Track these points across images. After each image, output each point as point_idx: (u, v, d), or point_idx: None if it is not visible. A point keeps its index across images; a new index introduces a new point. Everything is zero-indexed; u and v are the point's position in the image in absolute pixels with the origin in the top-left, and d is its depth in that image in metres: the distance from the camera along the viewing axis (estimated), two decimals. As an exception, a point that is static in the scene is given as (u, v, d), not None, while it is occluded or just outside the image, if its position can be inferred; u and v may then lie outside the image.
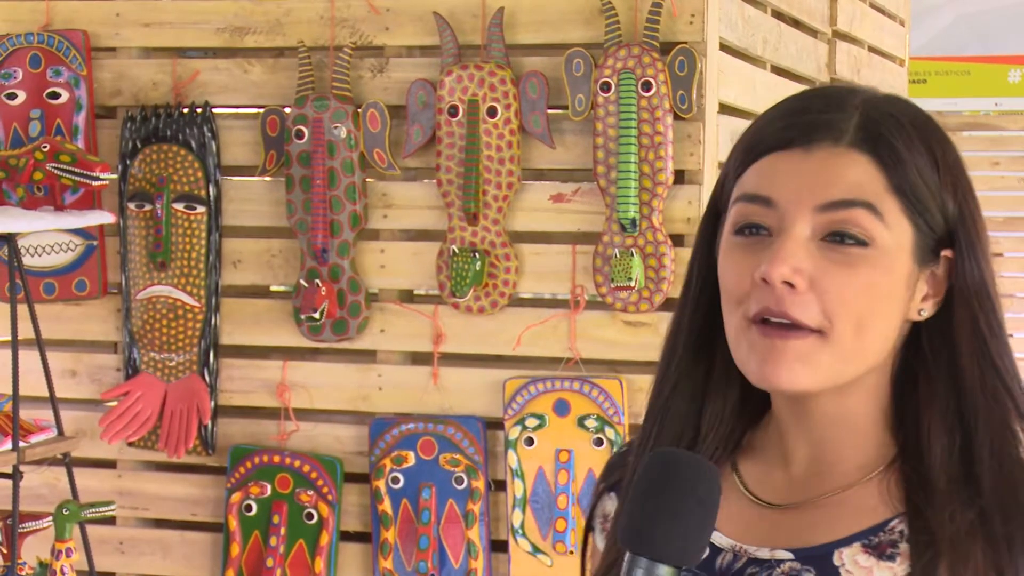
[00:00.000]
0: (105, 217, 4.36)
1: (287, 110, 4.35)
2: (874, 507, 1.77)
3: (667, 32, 4.07)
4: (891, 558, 1.74)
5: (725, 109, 4.23)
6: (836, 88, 1.90)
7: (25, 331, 4.09)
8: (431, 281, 4.31)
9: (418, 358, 4.35)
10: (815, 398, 1.81)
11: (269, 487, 4.39)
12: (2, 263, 4.48)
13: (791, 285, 1.71)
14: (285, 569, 4.37)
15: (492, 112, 4.18)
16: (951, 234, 1.78)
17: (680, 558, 1.71)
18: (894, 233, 1.74)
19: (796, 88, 5.00)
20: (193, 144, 4.41)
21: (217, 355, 4.48)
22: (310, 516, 4.36)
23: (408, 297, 4.39)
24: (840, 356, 1.74)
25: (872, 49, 5.94)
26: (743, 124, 4.40)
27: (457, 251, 4.21)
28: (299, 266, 4.37)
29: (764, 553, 1.81)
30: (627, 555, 1.70)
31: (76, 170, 4.19)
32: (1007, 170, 11.92)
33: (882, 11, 6.11)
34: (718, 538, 1.84)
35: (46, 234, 4.46)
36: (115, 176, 4.40)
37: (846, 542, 1.77)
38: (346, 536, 4.40)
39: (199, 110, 4.43)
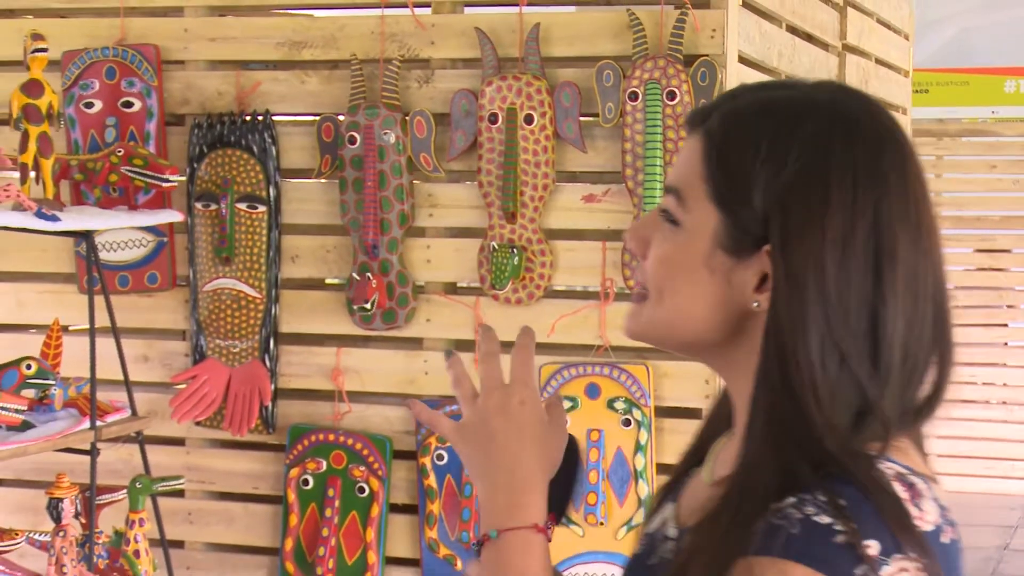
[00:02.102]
0: (174, 216, 4.36)
1: (341, 118, 4.34)
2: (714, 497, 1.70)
3: (690, 45, 4.05)
4: None
5: (743, 116, 4.21)
6: (762, 81, 1.84)
7: (101, 320, 4.10)
8: (473, 274, 4.30)
9: (461, 345, 4.33)
10: (713, 367, 1.79)
11: (324, 463, 4.39)
12: (81, 258, 4.49)
13: (635, 253, 1.75)
14: (339, 538, 4.37)
15: (529, 119, 4.17)
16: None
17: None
18: (694, 216, 1.68)
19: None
20: (255, 149, 4.41)
21: (277, 342, 4.48)
22: (362, 490, 4.36)
23: (452, 289, 4.38)
24: (650, 317, 1.73)
25: (879, 61, 5.91)
26: (760, 130, 4.39)
27: (497, 247, 4.20)
28: (352, 261, 4.36)
29: (671, 530, 1.80)
30: None
31: (148, 173, 4.19)
32: (1003, 173, 11.89)
33: (888, 26, 6.08)
34: (668, 511, 1.84)
35: (121, 231, 4.47)
36: (183, 178, 4.41)
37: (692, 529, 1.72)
38: (395, 508, 4.40)
39: (260, 118, 4.42)
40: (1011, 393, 11.85)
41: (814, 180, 1.62)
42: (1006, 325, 12.01)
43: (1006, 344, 11.98)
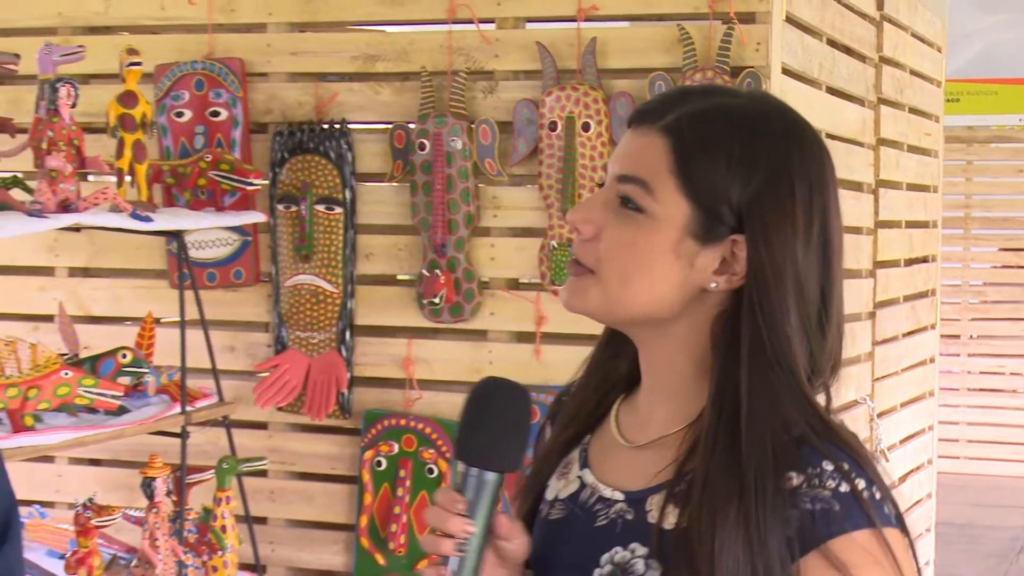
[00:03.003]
0: (258, 216, 4.37)
1: (411, 126, 4.34)
2: (680, 457, 1.77)
3: (736, 58, 4.03)
4: (681, 505, 1.75)
5: (786, 124, 4.18)
6: (698, 85, 1.90)
7: (191, 313, 4.11)
8: (534, 271, 4.29)
9: (523, 337, 4.33)
10: (639, 339, 1.86)
11: (396, 446, 4.39)
12: (172, 256, 4.51)
13: (581, 232, 1.80)
14: (410, 515, 4.37)
15: (586, 127, 4.15)
16: (742, 222, 1.75)
17: (500, 464, 1.77)
18: (664, 207, 1.75)
19: (848, 106, 4.94)
20: (332, 155, 4.41)
21: (352, 334, 4.48)
22: (431, 471, 4.36)
23: (514, 285, 4.37)
24: (607, 294, 1.79)
25: (913, 72, 5.86)
26: (802, 137, 4.36)
27: (556, 246, 4.20)
28: (422, 258, 4.36)
29: (607, 493, 1.84)
30: (461, 466, 1.76)
31: (234, 177, 4.20)
32: None
33: (921, 39, 6.02)
34: (587, 476, 1.88)
35: (208, 231, 4.48)
36: (266, 182, 4.42)
37: (656, 490, 1.78)
38: (461, 488, 4.39)
39: (337, 126, 4.43)
40: (1037, 383, 11.81)
41: (782, 184, 1.75)
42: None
43: (1032, 337, 11.93)
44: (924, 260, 6.19)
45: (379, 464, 4.41)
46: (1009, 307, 11.88)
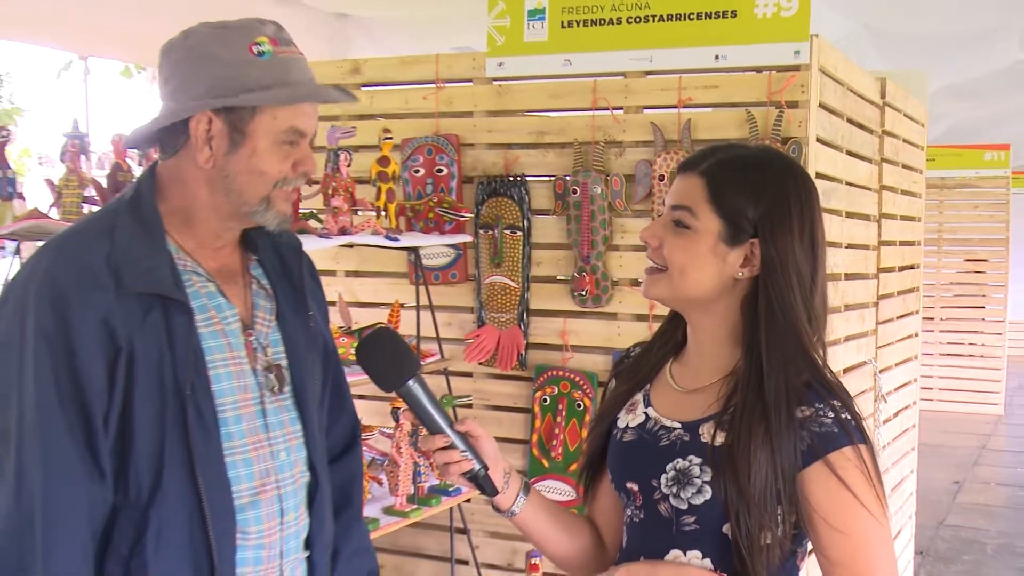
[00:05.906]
0: (467, 238, 4.38)
1: (567, 178, 4.31)
2: (722, 397, 1.78)
3: (785, 131, 3.93)
4: (726, 429, 1.76)
5: (819, 176, 4.08)
6: (724, 143, 1.91)
7: (423, 301, 4.13)
8: (648, 274, 4.23)
9: (640, 318, 4.28)
10: (691, 317, 1.86)
11: (556, 389, 4.37)
12: (411, 263, 4.54)
13: (650, 244, 1.85)
14: (565, 435, 4.35)
15: (683, 178, 4.09)
16: (756, 230, 1.76)
17: (407, 374, 1.77)
18: (703, 223, 1.77)
19: (860, 164, 4.80)
20: (515, 197, 4.40)
21: (528, 315, 4.46)
22: (579, 405, 4.32)
23: (636, 283, 4.32)
24: (672, 284, 1.81)
25: (905, 140, 5.69)
26: (831, 185, 4.24)
27: (663, 257, 4.14)
28: (573, 265, 4.33)
29: (668, 423, 1.84)
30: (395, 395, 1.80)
31: (451, 212, 4.22)
32: (983, 211, 11.76)
33: (911, 118, 5.83)
34: (651, 412, 1.87)
35: (435, 247, 4.50)
36: (472, 215, 4.42)
37: (707, 420, 1.78)
38: (599, 417, 4.36)
39: (518, 178, 4.41)
40: (986, 350, 11.81)
41: (782, 204, 1.77)
42: (983, 307, 11.89)
43: (983, 319, 11.85)
44: (911, 267, 6.01)
45: (545, 401, 4.39)
46: (969, 299, 11.81)
